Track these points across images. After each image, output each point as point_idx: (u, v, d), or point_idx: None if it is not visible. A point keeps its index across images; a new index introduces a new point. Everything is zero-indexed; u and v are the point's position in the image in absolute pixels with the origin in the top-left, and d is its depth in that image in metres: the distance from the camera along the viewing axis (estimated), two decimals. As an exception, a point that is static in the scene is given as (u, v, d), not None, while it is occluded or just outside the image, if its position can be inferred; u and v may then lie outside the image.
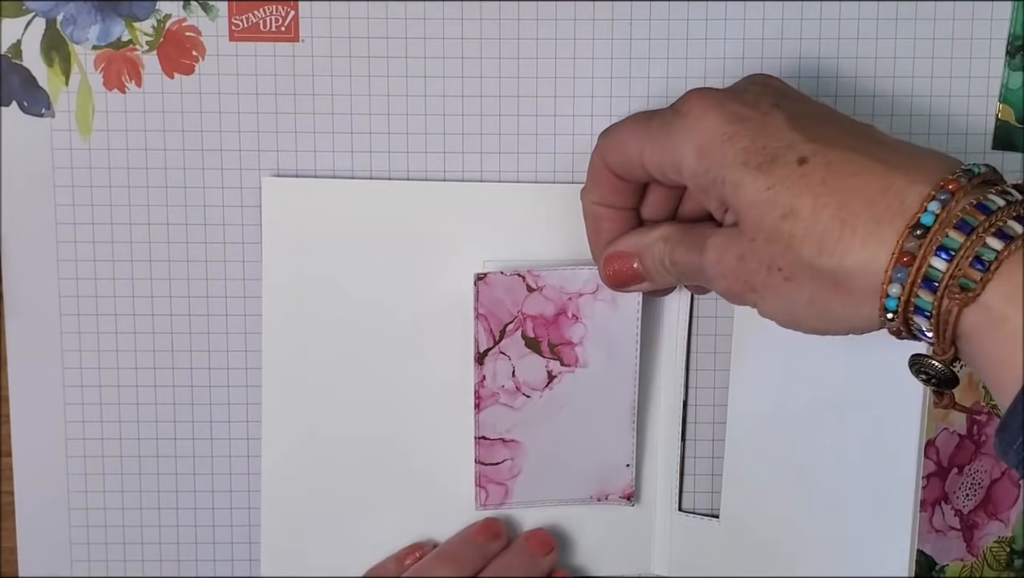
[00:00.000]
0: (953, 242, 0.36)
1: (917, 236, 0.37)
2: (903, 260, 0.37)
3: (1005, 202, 0.37)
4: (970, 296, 0.36)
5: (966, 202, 0.37)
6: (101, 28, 0.51)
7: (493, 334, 0.52)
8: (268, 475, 0.54)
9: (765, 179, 0.40)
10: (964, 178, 0.37)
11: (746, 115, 0.41)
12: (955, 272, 0.36)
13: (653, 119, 0.44)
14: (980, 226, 0.36)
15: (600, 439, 0.53)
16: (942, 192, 0.37)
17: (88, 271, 0.53)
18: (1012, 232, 0.36)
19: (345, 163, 0.52)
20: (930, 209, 0.37)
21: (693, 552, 0.55)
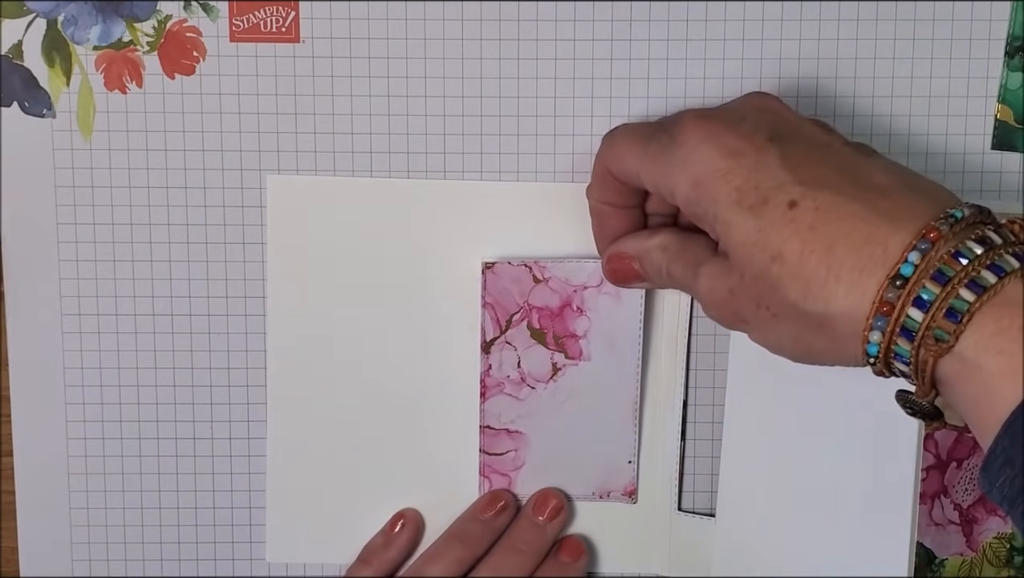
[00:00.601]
0: (929, 294, 0.37)
1: (897, 286, 0.38)
2: (883, 309, 0.38)
3: (983, 249, 0.38)
4: (944, 347, 0.37)
5: (945, 251, 0.38)
6: (102, 29, 0.51)
7: (500, 324, 0.52)
8: (273, 462, 0.54)
9: (756, 221, 0.41)
10: (946, 225, 0.38)
11: (741, 149, 0.42)
12: (930, 323, 0.37)
13: (651, 142, 0.45)
14: (955, 277, 0.37)
15: (603, 434, 0.54)
16: (923, 241, 0.38)
17: (89, 271, 0.53)
18: (984, 282, 0.37)
19: (346, 163, 0.52)
20: (910, 260, 0.38)
21: (692, 551, 0.55)
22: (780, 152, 0.42)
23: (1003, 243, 0.38)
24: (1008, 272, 0.37)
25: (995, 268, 0.37)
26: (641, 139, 0.46)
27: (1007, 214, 0.51)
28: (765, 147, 0.42)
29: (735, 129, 0.43)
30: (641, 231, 0.49)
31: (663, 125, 0.45)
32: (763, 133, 0.42)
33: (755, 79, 0.52)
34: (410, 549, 0.54)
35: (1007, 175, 0.53)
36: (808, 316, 0.40)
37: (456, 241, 0.53)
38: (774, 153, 0.42)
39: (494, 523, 0.54)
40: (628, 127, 0.48)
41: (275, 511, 0.55)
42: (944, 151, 0.53)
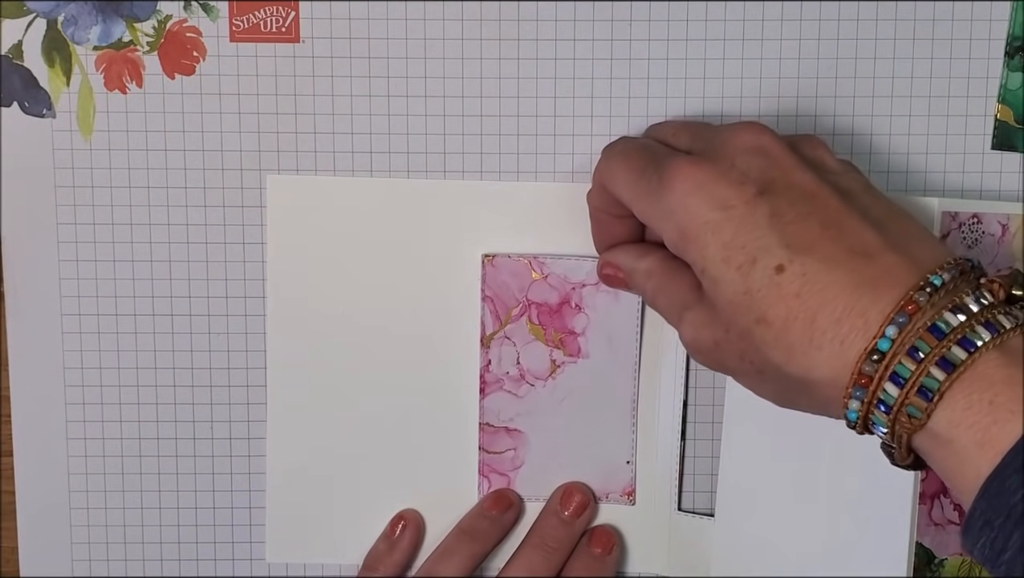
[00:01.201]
0: (904, 370, 0.38)
1: (874, 361, 0.39)
2: (861, 382, 0.39)
3: (959, 320, 0.38)
4: (917, 423, 0.38)
5: (921, 325, 0.38)
6: (102, 29, 0.51)
7: (499, 317, 0.52)
8: (273, 462, 0.54)
9: (743, 282, 0.41)
10: (925, 295, 0.39)
11: (730, 201, 0.42)
12: (905, 400, 0.38)
13: (642, 177, 0.45)
14: (928, 355, 0.38)
15: (601, 433, 0.54)
16: (900, 314, 0.38)
17: (89, 271, 0.53)
18: (955, 360, 0.37)
19: (346, 163, 0.53)
20: (887, 334, 0.38)
21: (692, 551, 0.55)
22: (769, 208, 0.41)
23: (980, 309, 0.38)
24: (979, 346, 0.38)
25: (966, 343, 0.38)
26: (634, 172, 0.46)
27: (1007, 215, 0.51)
28: (754, 201, 0.42)
29: (724, 177, 0.42)
30: (634, 246, 0.49)
31: (655, 159, 0.45)
32: (753, 184, 0.42)
33: (755, 79, 0.52)
34: (413, 551, 0.54)
35: (1007, 175, 0.53)
36: (791, 378, 0.41)
37: (456, 241, 0.53)
38: (763, 210, 0.41)
39: (501, 520, 0.54)
40: (625, 150, 0.47)
41: (275, 511, 0.55)
42: (944, 151, 0.53)
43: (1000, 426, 0.36)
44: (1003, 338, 0.38)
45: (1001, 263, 0.52)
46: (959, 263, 0.40)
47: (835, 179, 0.43)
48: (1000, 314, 0.38)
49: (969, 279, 0.40)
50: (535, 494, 0.55)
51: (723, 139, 0.44)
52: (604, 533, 0.54)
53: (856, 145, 0.53)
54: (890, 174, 0.53)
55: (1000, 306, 0.39)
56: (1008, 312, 0.38)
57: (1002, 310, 0.38)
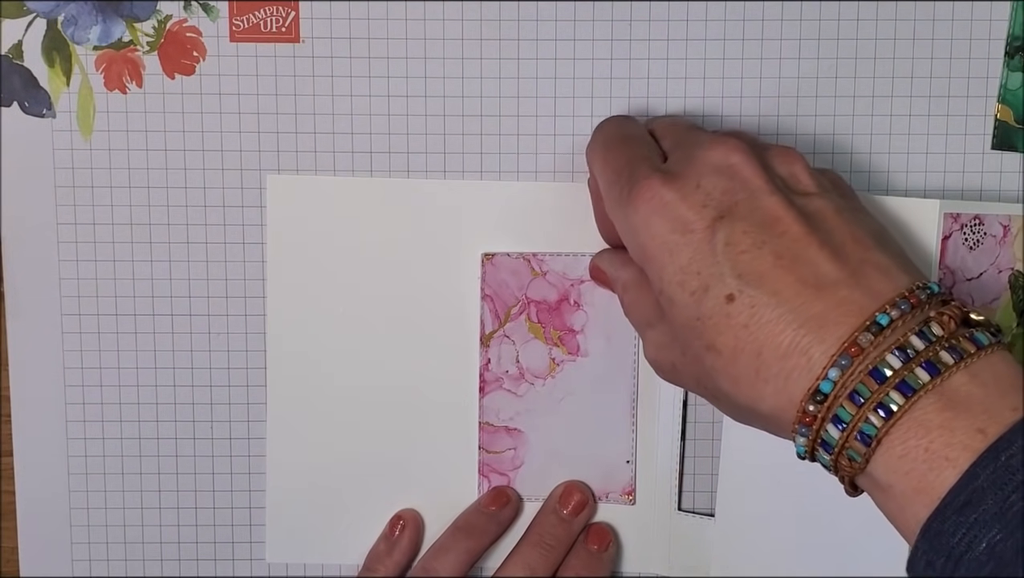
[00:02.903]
0: (845, 414, 0.39)
1: (817, 401, 0.39)
2: (805, 420, 0.40)
3: (902, 362, 0.38)
4: (857, 467, 0.39)
5: (863, 368, 0.38)
6: (102, 29, 0.51)
7: (498, 316, 0.52)
8: (273, 462, 0.54)
9: (696, 308, 0.42)
10: (869, 335, 0.39)
11: (689, 225, 0.42)
12: (845, 444, 0.39)
13: (615, 185, 0.45)
14: (868, 400, 0.38)
15: (601, 432, 0.54)
16: (843, 356, 0.39)
17: (89, 271, 0.53)
18: (894, 404, 0.38)
19: (346, 163, 0.53)
20: (830, 377, 0.39)
21: (692, 551, 0.55)
22: (725, 235, 0.42)
23: (925, 347, 0.38)
24: (917, 390, 0.38)
25: (904, 387, 0.38)
26: (609, 173, 0.46)
27: (1008, 215, 0.51)
28: (712, 227, 0.42)
29: (688, 199, 0.43)
30: (619, 253, 0.50)
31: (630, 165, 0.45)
32: (714, 208, 0.42)
33: (755, 79, 0.52)
34: (413, 550, 0.54)
35: (1007, 175, 0.53)
36: (741, 406, 0.42)
37: (455, 240, 0.53)
38: (720, 236, 0.42)
39: (499, 516, 0.54)
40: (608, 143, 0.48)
41: (275, 511, 0.55)
42: (944, 151, 0.53)
43: (935, 474, 0.37)
44: (944, 377, 0.38)
45: (1003, 264, 0.52)
46: (912, 295, 0.40)
47: (804, 202, 0.43)
48: (944, 350, 0.38)
49: (921, 311, 0.40)
50: (534, 494, 0.55)
51: (697, 154, 0.44)
52: (600, 530, 0.54)
53: (856, 145, 0.53)
54: (890, 174, 0.53)
55: (949, 339, 0.39)
56: (954, 346, 0.39)
57: (948, 344, 0.39)
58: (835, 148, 0.53)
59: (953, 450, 0.37)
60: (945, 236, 0.50)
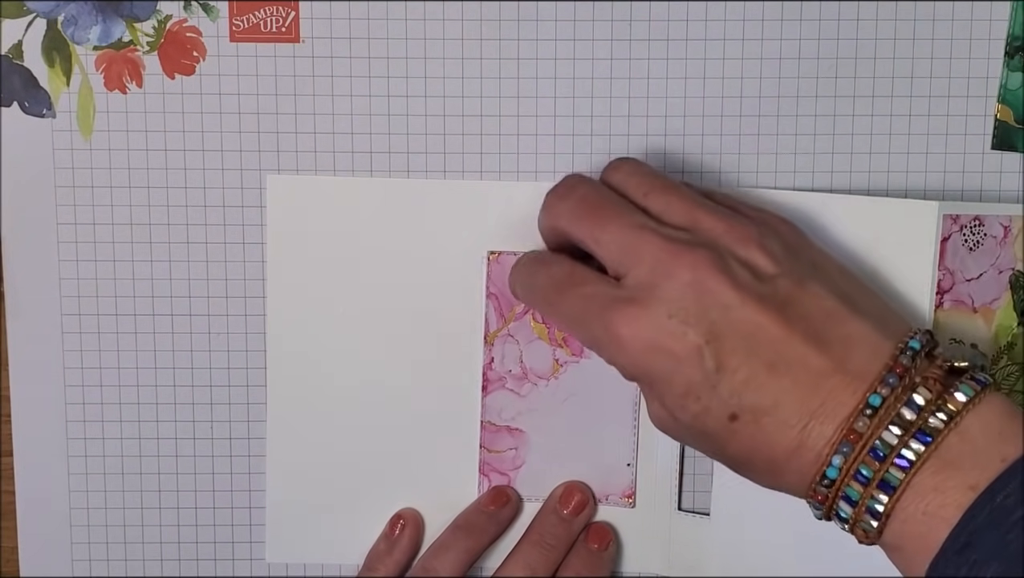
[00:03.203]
0: (854, 493, 0.42)
1: (825, 486, 0.42)
2: (818, 499, 0.43)
3: (897, 437, 0.41)
4: (871, 536, 0.42)
5: (864, 449, 0.41)
6: (102, 29, 0.51)
7: (503, 315, 0.52)
8: (273, 462, 0.54)
9: (702, 426, 0.44)
10: (865, 420, 0.41)
11: (677, 354, 0.43)
12: (858, 518, 0.42)
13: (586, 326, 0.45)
14: (872, 479, 0.41)
15: (602, 435, 0.54)
16: (844, 443, 0.41)
17: (89, 271, 0.53)
18: (894, 481, 0.41)
19: (346, 163, 0.53)
20: (834, 463, 0.42)
21: (691, 551, 0.55)
22: (714, 360, 0.43)
23: (916, 417, 0.41)
24: (914, 462, 0.40)
25: (901, 461, 0.41)
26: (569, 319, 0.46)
27: (1009, 216, 0.51)
28: (699, 353, 0.43)
29: (667, 330, 0.43)
30: None
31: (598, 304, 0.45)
32: (695, 332, 0.43)
33: (755, 79, 0.52)
34: (413, 549, 0.54)
35: (1007, 175, 0.53)
36: (762, 486, 0.45)
37: (456, 240, 0.53)
38: (709, 363, 0.43)
39: (499, 515, 0.54)
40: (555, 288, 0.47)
41: (275, 511, 0.55)
42: (944, 151, 0.53)
43: (934, 534, 0.40)
44: (937, 443, 0.40)
45: (1003, 264, 0.52)
46: (897, 364, 0.42)
47: (772, 291, 0.44)
48: (932, 415, 0.41)
49: (908, 378, 0.42)
50: (535, 494, 0.55)
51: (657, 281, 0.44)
52: (600, 529, 0.54)
53: (856, 145, 0.53)
54: (890, 174, 0.53)
55: (936, 400, 0.41)
56: (941, 407, 0.41)
57: (936, 406, 0.41)
58: (835, 148, 0.53)
59: (947, 510, 0.40)
60: (944, 237, 0.50)
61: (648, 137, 0.53)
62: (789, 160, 0.53)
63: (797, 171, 0.53)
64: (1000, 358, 0.52)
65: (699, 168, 0.53)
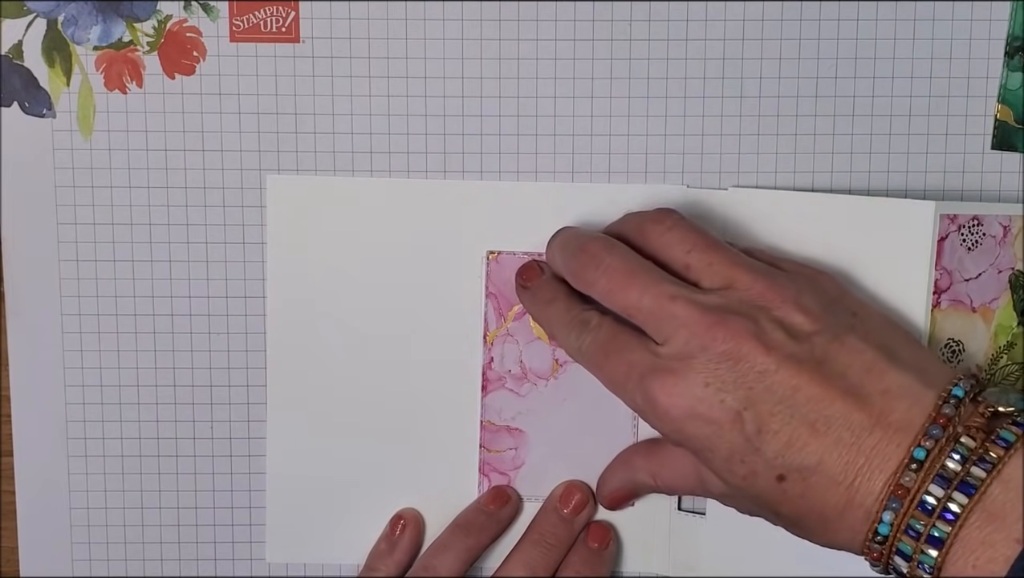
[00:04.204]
0: (907, 548, 0.42)
1: (878, 543, 0.42)
2: (873, 556, 0.43)
3: (943, 489, 0.41)
4: None
5: (913, 507, 0.41)
6: (102, 29, 0.51)
7: (502, 315, 0.52)
8: (273, 462, 0.54)
9: (750, 489, 0.44)
10: (912, 474, 0.41)
11: (717, 421, 0.44)
12: (914, 572, 0.42)
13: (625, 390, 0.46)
14: (922, 535, 0.41)
15: (602, 435, 0.54)
16: (893, 500, 0.41)
17: (89, 271, 0.53)
18: (943, 535, 0.41)
19: (346, 163, 0.53)
20: (885, 520, 0.42)
21: (691, 550, 0.55)
22: (755, 425, 0.43)
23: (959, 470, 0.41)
24: (959, 515, 0.40)
25: (948, 514, 0.41)
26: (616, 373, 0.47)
27: (1009, 216, 0.51)
28: (739, 420, 0.43)
29: (706, 400, 0.44)
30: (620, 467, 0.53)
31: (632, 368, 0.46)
32: (733, 400, 0.43)
33: (755, 79, 0.52)
34: (414, 549, 0.54)
35: (1007, 175, 0.53)
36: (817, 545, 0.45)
37: (456, 240, 0.53)
38: (750, 428, 0.43)
39: (498, 515, 0.54)
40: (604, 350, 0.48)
41: (275, 511, 0.55)
42: (944, 151, 0.53)
43: None
44: (981, 493, 0.40)
45: (1003, 264, 0.52)
46: (940, 416, 0.42)
47: (809, 350, 0.44)
48: (975, 465, 0.41)
49: (952, 428, 0.42)
50: (535, 494, 0.55)
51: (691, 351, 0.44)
52: (600, 528, 0.54)
53: (856, 145, 0.53)
54: (890, 174, 0.53)
55: (980, 449, 0.41)
56: (983, 457, 0.41)
57: (979, 455, 0.41)
58: (835, 148, 0.53)
59: (995, 565, 0.40)
60: (942, 237, 0.50)
61: (648, 137, 0.53)
62: (789, 160, 0.53)
63: (797, 171, 0.53)
64: (1000, 358, 0.52)
65: (699, 168, 0.53)
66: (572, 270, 0.49)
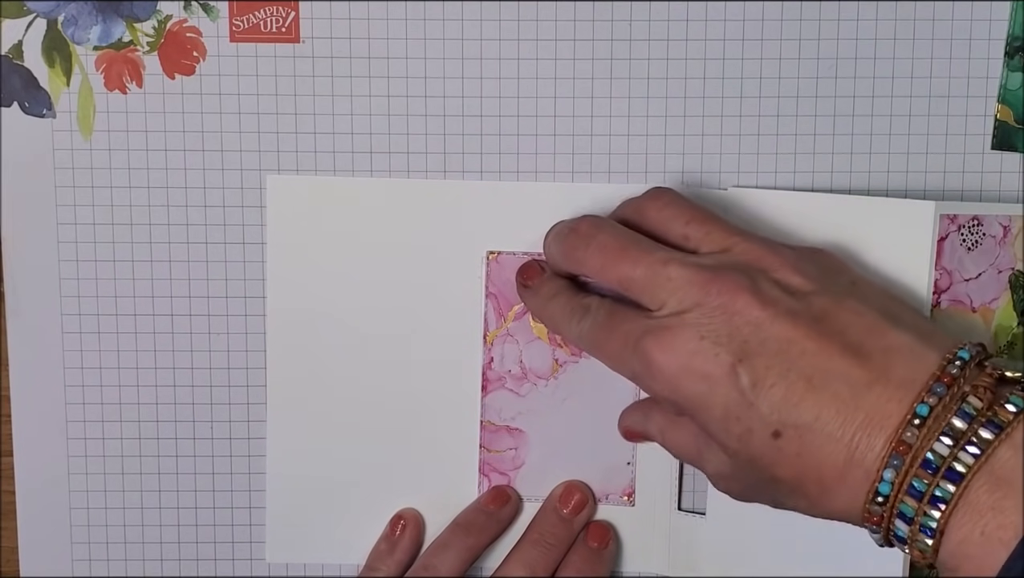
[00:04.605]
0: (908, 510, 0.40)
1: (879, 505, 0.41)
2: (873, 521, 0.41)
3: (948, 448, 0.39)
4: (928, 557, 0.40)
5: (915, 462, 0.40)
6: (102, 29, 0.51)
7: (502, 315, 0.52)
8: (273, 462, 0.54)
9: (746, 449, 0.43)
10: (913, 430, 0.40)
11: (711, 375, 0.43)
12: (914, 538, 0.40)
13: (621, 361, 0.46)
14: (925, 493, 0.39)
15: (602, 434, 0.54)
16: (894, 456, 0.40)
17: (89, 271, 0.53)
18: (946, 496, 0.39)
19: (346, 163, 0.53)
20: (886, 478, 0.40)
21: (691, 550, 0.55)
22: (749, 377, 0.42)
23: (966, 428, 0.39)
24: (965, 474, 0.39)
25: (952, 474, 0.39)
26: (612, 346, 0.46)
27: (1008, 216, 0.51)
28: (733, 372, 0.43)
29: (700, 353, 0.43)
30: (637, 408, 0.53)
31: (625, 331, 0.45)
32: (727, 352, 0.43)
33: (755, 79, 0.52)
34: (415, 549, 0.54)
35: (1007, 175, 0.53)
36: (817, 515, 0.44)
37: (456, 240, 0.53)
38: (744, 380, 0.42)
39: (498, 515, 0.54)
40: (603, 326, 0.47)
41: (275, 511, 0.55)
42: (944, 151, 0.53)
43: (993, 557, 0.38)
44: (988, 455, 0.39)
45: (1002, 264, 0.52)
46: (945, 374, 0.41)
47: (806, 306, 0.44)
48: (982, 426, 0.39)
49: (957, 387, 0.40)
50: (535, 494, 0.55)
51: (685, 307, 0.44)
52: (600, 528, 0.54)
53: (856, 145, 0.53)
54: (890, 174, 0.53)
55: (986, 411, 0.40)
56: (991, 419, 0.39)
57: (986, 417, 0.39)
58: (835, 148, 0.53)
59: (1005, 532, 0.38)
60: (942, 237, 0.50)
61: (648, 137, 0.53)
62: (789, 160, 0.53)
63: (797, 171, 0.53)
64: (1000, 358, 0.52)
65: (699, 168, 0.53)
66: (564, 252, 0.49)
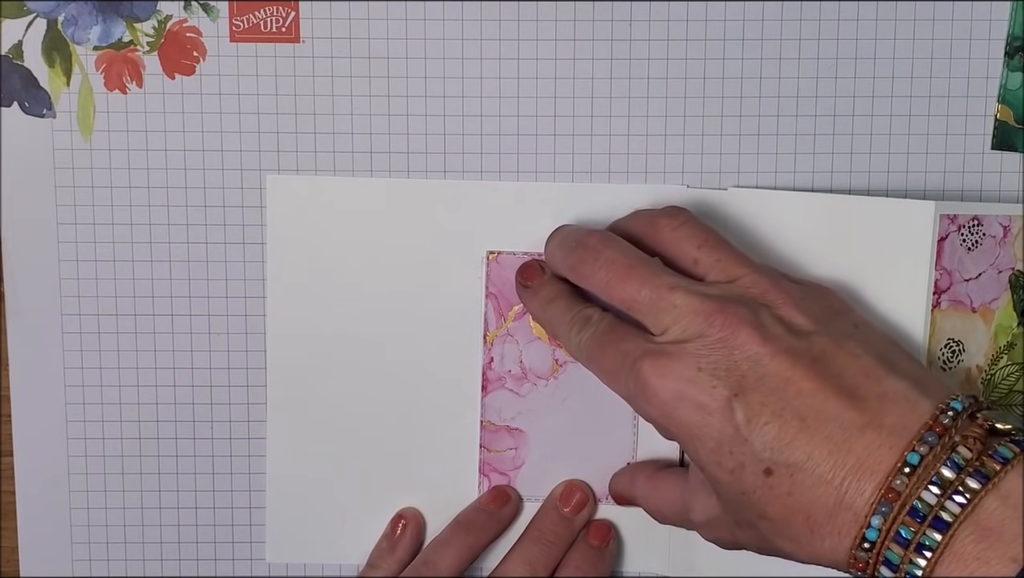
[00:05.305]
0: (894, 557, 0.40)
1: (865, 551, 0.41)
2: (858, 566, 0.41)
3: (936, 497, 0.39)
4: None
5: (904, 512, 0.40)
6: (102, 29, 0.51)
7: (502, 315, 0.52)
8: (273, 462, 0.54)
9: (738, 484, 0.43)
10: (903, 478, 0.40)
11: (706, 407, 0.43)
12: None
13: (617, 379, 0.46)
14: (912, 541, 0.40)
15: (602, 434, 0.54)
16: (883, 503, 0.40)
17: (89, 271, 0.53)
18: (932, 544, 0.39)
19: (346, 164, 0.53)
20: (873, 525, 0.40)
21: (691, 550, 0.55)
22: (744, 412, 0.42)
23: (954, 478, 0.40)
24: (951, 524, 0.39)
25: (939, 524, 0.39)
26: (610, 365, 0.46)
27: (1009, 216, 0.51)
28: (728, 406, 0.43)
29: (696, 383, 0.43)
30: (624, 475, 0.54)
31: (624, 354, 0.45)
32: (724, 386, 0.43)
33: (755, 79, 0.52)
34: (415, 548, 0.54)
35: (1007, 175, 0.53)
36: (804, 561, 0.43)
37: (457, 240, 0.53)
38: (739, 415, 0.43)
39: (499, 514, 0.54)
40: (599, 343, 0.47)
41: (275, 511, 0.55)
42: (944, 151, 0.53)
43: None
44: (974, 505, 0.39)
45: (1003, 264, 0.52)
46: (937, 424, 0.41)
47: (807, 346, 0.44)
48: (970, 476, 0.40)
49: (948, 437, 0.41)
50: (535, 494, 0.55)
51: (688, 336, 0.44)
52: (602, 526, 0.54)
53: (856, 145, 0.53)
54: (890, 174, 0.53)
55: (974, 461, 0.40)
56: (979, 470, 0.40)
57: (974, 467, 0.40)
58: (835, 148, 0.53)
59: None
60: (942, 237, 0.50)
61: (648, 137, 0.53)
62: (789, 160, 0.53)
63: (797, 171, 0.53)
64: (1000, 358, 0.52)
65: (699, 168, 0.53)
66: (571, 265, 0.49)
